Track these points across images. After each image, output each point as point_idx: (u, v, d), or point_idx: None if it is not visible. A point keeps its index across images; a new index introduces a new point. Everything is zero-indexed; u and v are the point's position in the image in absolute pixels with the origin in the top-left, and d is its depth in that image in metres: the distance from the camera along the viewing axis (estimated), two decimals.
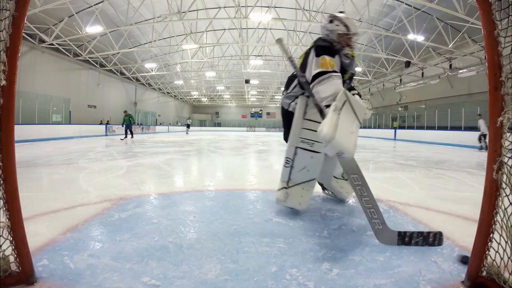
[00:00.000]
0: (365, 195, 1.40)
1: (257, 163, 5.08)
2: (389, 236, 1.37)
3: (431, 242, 1.32)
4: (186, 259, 1.23)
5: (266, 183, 3.10)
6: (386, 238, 1.37)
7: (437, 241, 1.33)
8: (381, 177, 3.45)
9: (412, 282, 1.08)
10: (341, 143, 1.25)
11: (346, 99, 1.37)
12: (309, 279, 1.09)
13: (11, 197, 0.98)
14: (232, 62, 21.06)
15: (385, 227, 1.38)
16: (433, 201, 2.33)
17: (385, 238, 1.37)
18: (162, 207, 2.04)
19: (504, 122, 0.93)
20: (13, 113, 0.99)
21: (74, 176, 3.28)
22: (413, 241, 1.33)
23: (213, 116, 40.41)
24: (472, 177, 3.69)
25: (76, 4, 11.21)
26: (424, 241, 1.33)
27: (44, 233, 1.51)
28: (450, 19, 11.73)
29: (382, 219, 1.38)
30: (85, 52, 14.63)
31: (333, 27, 1.72)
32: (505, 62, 0.94)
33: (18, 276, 1.01)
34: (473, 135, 10.45)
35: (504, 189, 0.95)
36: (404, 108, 21.23)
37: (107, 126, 16.21)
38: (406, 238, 1.34)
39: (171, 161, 4.90)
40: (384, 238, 1.38)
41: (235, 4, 11.50)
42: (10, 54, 0.96)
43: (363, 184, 1.40)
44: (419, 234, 1.34)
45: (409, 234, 1.35)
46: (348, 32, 1.71)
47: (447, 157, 6.37)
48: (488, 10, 0.95)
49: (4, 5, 0.94)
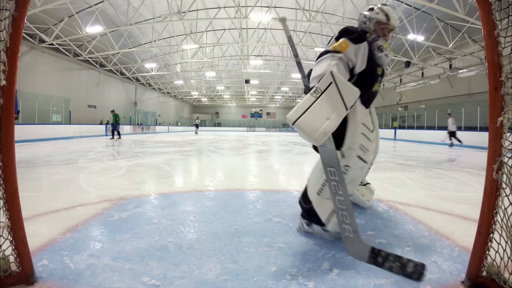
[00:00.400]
0: (340, 194, 1.23)
1: (257, 163, 5.08)
2: (359, 249, 1.19)
3: (408, 273, 1.09)
4: (186, 259, 1.23)
5: (266, 183, 3.10)
6: (355, 250, 1.19)
7: (416, 274, 1.08)
8: (381, 177, 3.45)
9: (412, 282, 1.08)
10: (304, 128, 1.14)
11: (332, 81, 1.20)
12: (309, 279, 1.09)
13: (11, 197, 0.98)
14: (232, 62, 21.06)
15: (357, 237, 1.20)
16: (433, 201, 2.33)
17: (354, 250, 1.20)
18: (162, 207, 2.04)
19: (504, 122, 0.93)
20: (13, 113, 0.99)
21: (74, 176, 3.28)
22: (387, 264, 1.13)
23: (213, 116, 40.44)
24: (472, 177, 3.68)
25: (76, 4, 11.21)
26: (401, 269, 1.10)
27: (44, 233, 1.51)
28: (450, 19, 11.74)
29: (354, 226, 1.21)
30: (85, 52, 14.63)
31: (373, 15, 1.55)
32: (505, 62, 0.94)
33: (18, 276, 1.01)
34: (473, 135, 10.46)
35: (504, 189, 0.95)
36: (404, 108, 21.23)
37: (107, 126, 16.21)
38: (380, 258, 1.15)
39: (171, 161, 4.90)
40: (353, 249, 1.20)
41: (235, 4, 11.51)
42: (10, 54, 0.96)
43: (339, 180, 1.23)
44: (397, 259, 1.13)
45: (385, 255, 1.15)
46: (388, 22, 1.52)
47: (447, 157, 6.37)
48: (488, 10, 0.95)
49: (4, 5, 0.94)
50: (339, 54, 1.37)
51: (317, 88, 1.19)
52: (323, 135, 1.14)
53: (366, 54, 1.43)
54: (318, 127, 1.14)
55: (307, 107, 1.16)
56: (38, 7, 9.60)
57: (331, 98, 1.19)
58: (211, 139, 13.05)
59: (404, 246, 1.41)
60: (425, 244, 1.44)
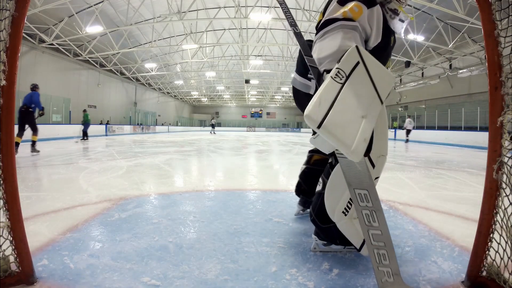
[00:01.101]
0: (375, 226, 0.90)
1: (257, 163, 5.08)
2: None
3: None
4: (186, 259, 1.23)
5: (266, 183, 3.10)
6: None
7: None
8: (381, 177, 3.44)
9: (412, 282, 1.08)
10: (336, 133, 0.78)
11: (360, 60, 0.85)
12: (309, 279, 1.09)
13: (11, 197, 0.98)
14: (232, 62, 21.07)
15: (398, 280, 0.91)
16: (433, 201, 2.33)
17: None
18: (162, 207, 2.04)
19: (504, 122, 0.93)
20: (13, 113, 0.99)
21: (74, 176, 3.28)
22: None
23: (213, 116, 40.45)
24: (472, 177, 3.69)
25: (76, 4, 11.22)
26: None
27: (44, 233, 1.51)
28: (450, 19, 11.74)
29: (395, 268, 0.91)
30: (85, 52, 14.64)
31: None
32: (505, 62, 0.94)
33: (18, 276, 1.01)
34: (473, 135, 10.47)
35: (504, 189, 0.95)
36: (404, 108, 21.24)
37: (107, 126, 16.21)
38: None
39: (171, 161, 4.90)
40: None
41: (235, 4, 11.51)
42: (10, 54, 0.96)
43: (374, 208, 0.90)
44: None
45: None
46: None
47: (447, 157, 6.37)
48: (488, 10, 0.95)
49: (4, 5, 0.94)
50: (352, 23, 0.99)
51: (339, 71, 0.84)
52: (363, 144, 0.80)
53: (381, 22, 1.06)
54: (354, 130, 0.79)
55: (333, 100, 0.80)
56: (38, 7, 9.60)
57: (361, 85, 0.85)
58: (211, 139, 13.05)
59: (404, 246, 1.41)
60: (425, 244, 1.44)
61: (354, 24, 0.99)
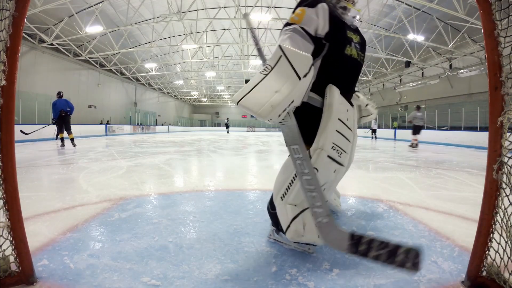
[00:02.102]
0: (306, 173, 1.08)
1: (257, 163, 5.08)
2: (336, 236, 1.02)
3: (399, 262, 0.90)
4: (186, 259, 1.23)
5: (266, 183, 3.10)
6: (331, 238, 1.03)
7: (411, 264, 0.89)
8: (381, 177, 3.45)
9: (412, 282, 1.08)
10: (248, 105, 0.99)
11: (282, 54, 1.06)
12: (309, 279, 1.09)
13: (11, 197, 0.98)
14: (232, 62, 21.08)
15: (332, 221, 1.04)
16: (433, 201, 2.33)
17: (330, 238, 1.03)
18: (162, 207, 2.04)
19: (504, 122, 0.93)
20: (13, 113, 0.99)
21: (74, 176, 3.28)
22: (372, 253, 0.94)
23: (213, 116, 40.48)
24: (472, 177, 3.69)
25: (76, 4, 11.22)
26: (389, 258, 0.91)
27: (44, 233, 1.51)
28: (450, 19, 11.75)
29: (327, 209, 1.05)
30: (85, 52, 14.64)
31: None
32: (505, 62, 0.94)
33: (18, 276, 1.01)
34: (473, 135, 10.47)
35: (504, 189, 0.95)
36: (404, 108, 21.25)
37: (107, 126, 16.21)
38: (362, 245, 0.96)
39: (171, 161, 4.90)
40: (329, 237, 1.03)
41: (235, 4, 11.51)
42: (10, 54, 0.96)
43: (304, 158, 1.09)
44: (384, 245, 0.93)
45: (368, 241, 0.96)
46: None
47: (447, 157, 6.37)
48: (488, 10, 0.95)
49: (4, 5, 0.94)
50: (292, 26, 1.21)
51: (266, 66, 1.06)
52: (269, 108, 0.98)
53: (327, 14, 1.25)
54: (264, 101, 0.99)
55: (255, 85, 1.01)
56: (38, 7, 9.61)
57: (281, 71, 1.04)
58: (211, 139, 13.05)
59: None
60: (425, 244, 1.44)
61: (293, 27, 1.21)
